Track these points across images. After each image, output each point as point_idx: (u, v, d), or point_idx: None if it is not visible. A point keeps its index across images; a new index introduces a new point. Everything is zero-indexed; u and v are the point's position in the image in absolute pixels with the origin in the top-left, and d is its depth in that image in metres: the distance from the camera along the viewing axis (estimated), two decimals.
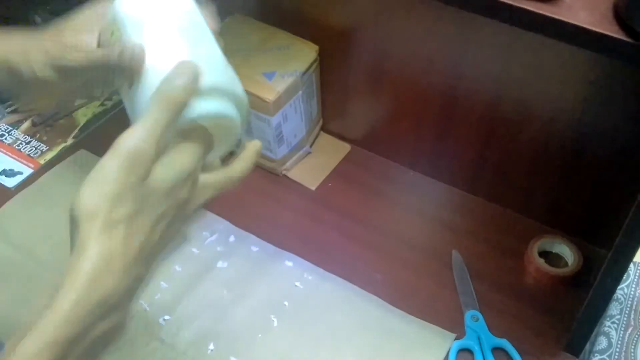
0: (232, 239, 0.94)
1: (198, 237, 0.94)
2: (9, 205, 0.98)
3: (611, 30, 0.55)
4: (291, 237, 0.94)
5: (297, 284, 0.88)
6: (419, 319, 0.84)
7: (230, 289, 0.88)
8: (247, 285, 0.88)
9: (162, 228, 0.49)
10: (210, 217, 0.96)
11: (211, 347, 0.82)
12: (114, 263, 0.46)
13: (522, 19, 0.58)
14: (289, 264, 0.91)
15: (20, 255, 0.91)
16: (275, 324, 0.84)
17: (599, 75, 0.77)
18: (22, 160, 1.05)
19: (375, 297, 0.87)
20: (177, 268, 0.90)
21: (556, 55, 0.78)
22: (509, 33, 0.79)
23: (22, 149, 1.07)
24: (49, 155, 1.06)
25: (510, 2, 0.58)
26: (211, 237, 0.94)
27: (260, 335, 0.83)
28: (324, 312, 0.85)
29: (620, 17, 0.55)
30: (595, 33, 0.55)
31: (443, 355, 0.81)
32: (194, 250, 0.92)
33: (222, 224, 0.95)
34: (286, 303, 0.86)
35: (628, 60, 0.55)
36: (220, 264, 0.90)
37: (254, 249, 0.92)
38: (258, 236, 0.94)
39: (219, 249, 0.92)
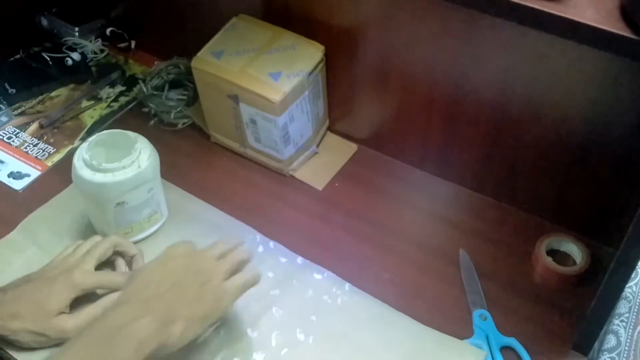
0: (260, 249, 0.92)
1: None
2: (40, 210, 0.97)
3: (617, 27, 0.54)
4: (298, 237, 0.94)
5: (326, 297, 0.86)
6: (450, 337, 0.82)
7: (257, 301, 0.84)
8: (274, 298, 0.86)
9: None
10: (240, 227, 0.94)
11: None
12: None
13: (528, 17, 0.58)
14: (318, 276, 0.88)
15: (48, 259, 0.88)
16: (302, 338, 0.82)
17: (607, 74, 0.76)
18: (29, 163, 1.06)
19: (404, 315, 0.84)
20: None
21: (564, 54, 0.77)
22: (516, 32, 0.79)
23: (29, 152, 1.07)
24: (57, 157, 1.06)
25: (517, 1, 0.57)
26: None
27: (286, 350, 0.81)
28: (352, 329, 0.82)
29: (626, 14, 0.55)
30: (602, 30, 0.55)
31: None
32: None
33: (251, 234, 0.94)
34: (313, 317, 0.84)
35: (634, 57, 0.55)
36: None
37: (283, 260, 0.90)
38: (265, 236, 0.93)
39: None
